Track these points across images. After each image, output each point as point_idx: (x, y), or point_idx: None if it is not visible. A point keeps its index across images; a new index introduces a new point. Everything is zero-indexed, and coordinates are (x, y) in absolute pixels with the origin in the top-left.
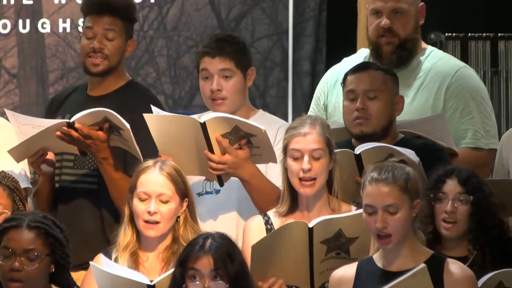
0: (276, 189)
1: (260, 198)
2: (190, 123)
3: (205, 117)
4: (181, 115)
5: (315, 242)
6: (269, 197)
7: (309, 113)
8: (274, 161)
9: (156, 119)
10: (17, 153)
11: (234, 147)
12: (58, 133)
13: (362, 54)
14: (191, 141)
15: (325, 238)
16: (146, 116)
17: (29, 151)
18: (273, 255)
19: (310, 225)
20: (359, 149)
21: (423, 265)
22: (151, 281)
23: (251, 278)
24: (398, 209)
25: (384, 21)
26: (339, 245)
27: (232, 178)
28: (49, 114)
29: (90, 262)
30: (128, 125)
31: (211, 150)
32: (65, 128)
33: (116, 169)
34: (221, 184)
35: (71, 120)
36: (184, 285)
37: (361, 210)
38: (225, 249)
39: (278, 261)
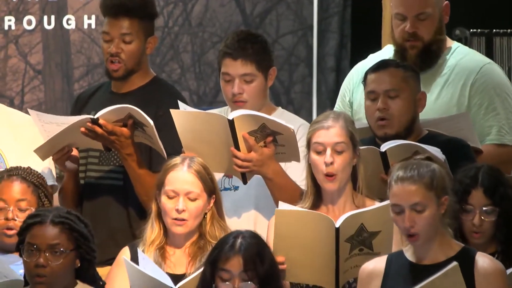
0: (298, 188)
1: (282, 196)
2: (218, 119)
3: (234, 114)
4: (208, 112)
5: (340, 241)
6: (290, 196)
7: (335, 109)
8: (298, 160)
9: (183, 115)
10: (43, 151)
11: (260, 145)
12: (83, 129)
13: (388, 50)
14: (216, 137)
15: (348, 236)
16: (173, 111)
17: (54, 148)
18: (296, 234)
19: (337, 225)
20: (384, 147)
21: (455, 263)
22: (175, 284)
23: (281, 279)
24: (425, 207)
25: (408, 26)
26: (362, 241)
27: None
28: (75, 112)
29: (123, 257)
30: (151, 122)
31: (237, 147)
32: (89, 124)
33: (140, 165)
34: (245, 182)
35: (95, 117)
36: (214, 285)
37: (382, 203)
38: (255, 249)
39: (301, 249)
